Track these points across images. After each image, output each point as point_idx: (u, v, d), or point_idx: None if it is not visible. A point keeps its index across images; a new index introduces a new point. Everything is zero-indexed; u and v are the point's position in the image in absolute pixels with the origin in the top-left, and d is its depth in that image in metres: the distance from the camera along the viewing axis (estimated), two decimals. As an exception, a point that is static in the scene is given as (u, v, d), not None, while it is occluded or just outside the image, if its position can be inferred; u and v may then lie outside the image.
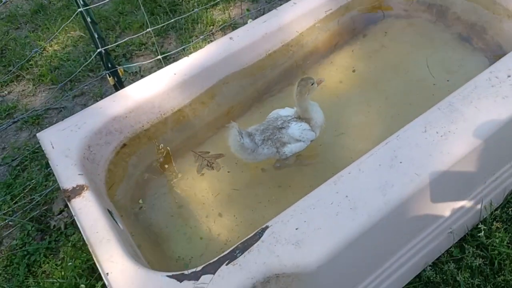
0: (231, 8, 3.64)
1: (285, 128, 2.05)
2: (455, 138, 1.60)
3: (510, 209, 1.98)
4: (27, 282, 2.18)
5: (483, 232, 1.93)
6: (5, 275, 2.27)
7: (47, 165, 2.70)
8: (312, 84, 1.98)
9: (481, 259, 1.88)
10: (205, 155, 2.21)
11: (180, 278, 1.42)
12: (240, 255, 1.44)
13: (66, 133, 1.99)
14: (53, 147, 1.93)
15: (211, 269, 1.42)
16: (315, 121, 2.05)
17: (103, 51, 2.17)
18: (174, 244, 2.00)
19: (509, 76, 1.75)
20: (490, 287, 1.85)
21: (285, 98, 2.43)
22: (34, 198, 2.53)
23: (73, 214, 1.66)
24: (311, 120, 2.05)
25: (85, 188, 1.75)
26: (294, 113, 2.08)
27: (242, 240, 1.48)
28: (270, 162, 2.17)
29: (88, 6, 2.00)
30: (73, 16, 2.11)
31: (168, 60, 3.20)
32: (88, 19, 2.04)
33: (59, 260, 2.25)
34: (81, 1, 1.97)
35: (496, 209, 2.03)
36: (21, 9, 3.95)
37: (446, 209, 1.79)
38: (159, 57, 2.41)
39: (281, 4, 2.54)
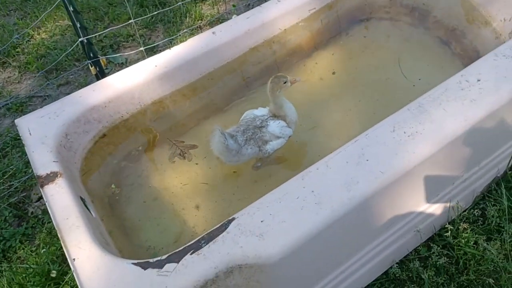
0: (220, 3, 3.66)
1: (265, 127, 2.08)
2: (422, 139, 1.64)
3: (476, 210, 2.02)
4: (1, 267, 2.20)
5: (450, 232, 1.97)
6: (-20, 260, 2.29)
7: (28, 152, 2.71)
8: (284, 83, 2.01)
9: (446, 258, 1.92)
10: (179, 144, 2.24)
11: (144, 266, 1.44)
12: (205, 245, 1.47)
13: (44, 120, 2.01)
14: (30, 134, 1.95)
15: (176, 258, 1.45)
16: (290, 118, 2.09)
17: (85, 40, 2.18)
18: (146, 235, 2.02)
19: (478, 80, 1.79)
20: (454, 286, 1.90)
21: (266, 95, 2.46)
22: (13, 184, 2.54)
23: (45, 200, 1.68)
24: (286, 117, 2.09)
25: (59, 175, 1.77)
26: (268, 112, 2.11)
27: (208, 231, 1.51)
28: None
29: (70, -5, 2.02)
30: (55, 4, 2.12)
31: (154, 52, 3.22)
32: (71, 8, 2.06)
33: (35, 247, 2.27)
34: (63, -10, 1.98)
35: (464, 211, 2.08)
36: (10, -4, 3.95)
37: (412, 208, 1.83)
38: (142, 48, 2.42)
39: (267, 1, 2.56)
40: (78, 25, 2.13)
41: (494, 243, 1.95)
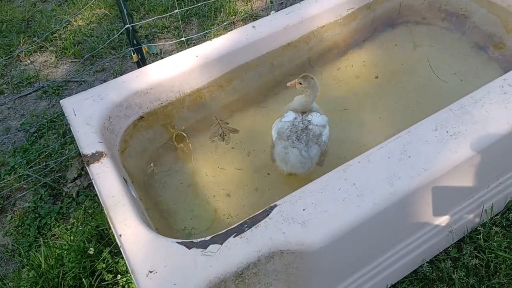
0: (254, 0, 3.71)
1: (310, 124, 2.08)
2: (464, 139, 1.66)
3: (510, 215, 2.03)
4: (37, 242, 2.26)
5: (481, 235, 1.99)
6: (16, 235, 2.35)
7: (64, 134, 2.78)
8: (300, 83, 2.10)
9: (477, 260, 1.93)
10: (224, 124, 2.27)
11: (189, 246, 1.48)
12: (247, 229, 1.50)
13: (89, 102, 2.06)
14: (75, 115, 2.01)
15: (219, 239, 1.49)
16: (315, 108, 2.14)
17: (130, 27, 2.24)
18: (180, 219, 2.07)
19: (522, 85, 1.80)
20: (484, 288, 1.91)
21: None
22: (49, 164, 2.61)
23: (91, 178, 1.74)
24: (312, 108, 2.12)
25: (104, 155, 1.82)
26: (297, 114, 2.12)
27: (250, 216, 1.55)
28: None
29: (121, -18, 2.08)
30: (105, -10, 2.17)
31: (188, 44, 3.27)
32: (120, -5, 2.12)
33: (69, 225, 2.33)
34: (114, -23, 2.04)
35: (496, 214, 2.09)
36: (49, -17, 4.04)
37: (448, 208, 1.85)
38: (183, 39, 2.49)
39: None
40: (125, 12, 2.18)
41: (526, 249, 1.96)
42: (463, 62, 2.53)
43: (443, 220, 1.86)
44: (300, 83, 2.08)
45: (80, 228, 2.22)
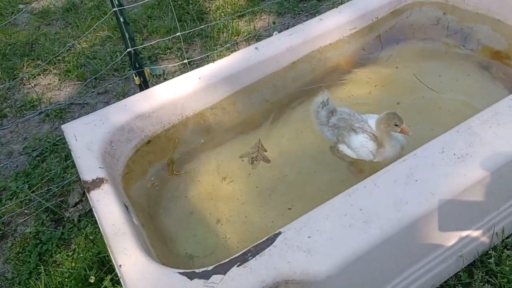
0: (256, 20, 3.71)
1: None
2: (472, 161, 1.62)
3: (522, 238, 1.98)
4: (38, 270, 2.22)
5: (493, 258, 1.93)
6: (17, 262, 2.31)
7: (66, 158, 2.76)
8: (396, 125, 1.95)
9: (489, 285, 1.87)
10: (262, 151, 2.24)
11: (191, 276, 1.44)
12: (251, 258, 1.46)
13: (90, 127, 2.04)
14: (76, 140, 1.99)
15: (222, 269, 1.45)
16: (386, 152, 2.05)
17: (132, 51, 2.23)
18: (182, 245, 2.02)
19: (530, 105, 1.77)
20: (497, 315, 1.84)
21: (305, 111, 2.47)
22: (51, 189, 2.58)
23: (91, 205, 1.71)
24: (382, 147, 2.05)
25: (105, 181, 1.79)
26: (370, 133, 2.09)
27: (254, 244, 1.50)
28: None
29: (123, 6, 2.07)
30: (107, 15, 2.17)
31: (191, 66, 3.27)
32: (121, 19, 2.11)
33: (71, 251, 2.29)
34: (116, 1, 2.04)
35: (507, 237, 2.03)
36: (53, 7, 4.08)
37: (458, 232, 1.80)
38: (185, 61, 2.47)
39: (306, 20, 2.59)
40: (127, 36, 2.18)
41: (540, 273, 1.89)
42: (468, 81, 2.49)
43: (452, 244, 1.81)
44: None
45: (81, 255, 2.18)
